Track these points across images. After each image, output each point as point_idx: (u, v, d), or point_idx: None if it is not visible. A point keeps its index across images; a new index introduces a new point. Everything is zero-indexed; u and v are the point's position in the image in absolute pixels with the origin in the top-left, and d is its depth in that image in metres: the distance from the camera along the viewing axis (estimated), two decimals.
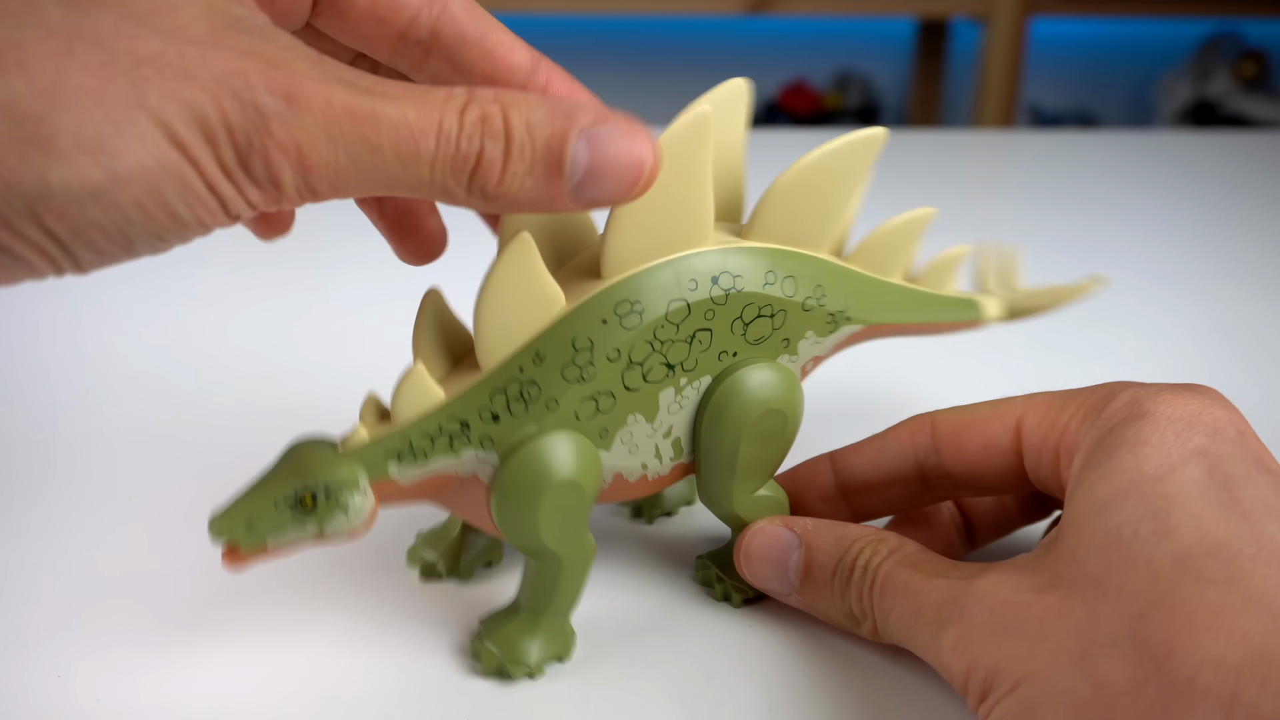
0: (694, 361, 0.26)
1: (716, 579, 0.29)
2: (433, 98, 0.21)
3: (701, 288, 0.26)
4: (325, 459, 0.24)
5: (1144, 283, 0.53)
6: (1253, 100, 1.74)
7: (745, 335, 0.26)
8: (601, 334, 0.25)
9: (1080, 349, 0.45)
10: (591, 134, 0.21)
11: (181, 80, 0.19)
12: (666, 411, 0.26)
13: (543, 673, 0.26)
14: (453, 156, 0.21)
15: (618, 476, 0.26)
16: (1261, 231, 0.62)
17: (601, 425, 0.25)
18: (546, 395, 0.25)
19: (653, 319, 0.25)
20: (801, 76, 1.87)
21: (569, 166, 0.21)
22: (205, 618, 0.28)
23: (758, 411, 0.26)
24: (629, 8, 1.54)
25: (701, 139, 0.24)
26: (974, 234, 0.61)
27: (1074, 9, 1.60)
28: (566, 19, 1.84)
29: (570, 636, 0.26)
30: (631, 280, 0.25)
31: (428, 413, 0.24)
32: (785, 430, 0.27)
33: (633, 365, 0.25)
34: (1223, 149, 0.80)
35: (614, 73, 1.90)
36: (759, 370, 0.27)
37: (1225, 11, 1.65)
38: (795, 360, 0.28)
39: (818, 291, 0.27)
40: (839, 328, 0.28)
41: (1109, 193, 0.69)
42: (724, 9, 1.52)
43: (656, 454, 0.27)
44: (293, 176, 0.20)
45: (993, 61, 1.55)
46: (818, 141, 0.26)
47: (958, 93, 1.91)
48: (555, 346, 0.25)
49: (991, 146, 0.83)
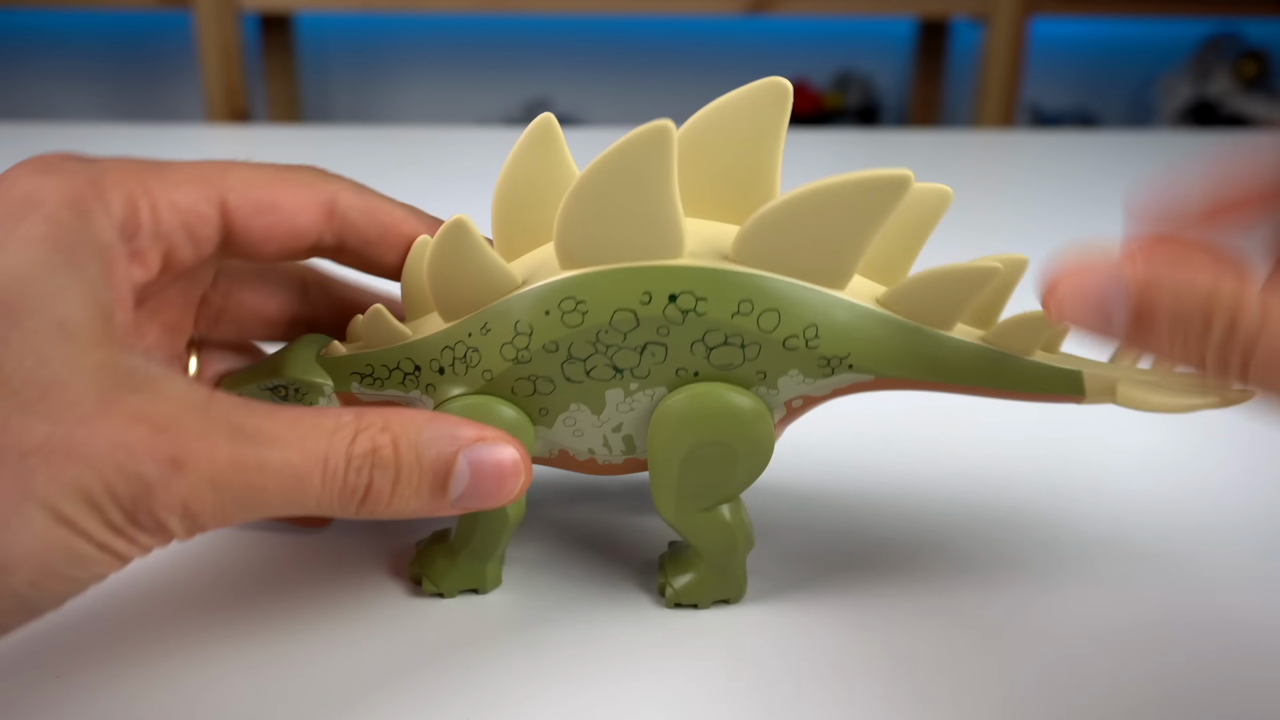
0: (646, 370, 0.25)
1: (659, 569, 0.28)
2: (320, 431, 0.22)
3: (655, 303, 0.24)
4: (305, 361, 0.28)
5: None
6: (1253, 100, 1.74)
7: (709, 359, 0.25)
8: (542, 324, 0.25)
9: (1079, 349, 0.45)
10: (472, 454, 0.24)
11: (68, 463, 0.20)
12: (615, 409, 0.26)
13: (454, 595, 0.28)
14: (340, 490, 0.22)
15: (563, 452, 0.27)
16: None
17: (540, 405, 0.26)
18: (485, 365, 0.26)
19: (595, 322, 0.25)
20: (801, 76, 1.87)
21: (452, 485, 0.24)
22: (204, 615, 0.28)
23: (697, 440, 0.25)
24: (629, 8, 1.54)
25: (657, 152, 0.23)
26: (974, 234, 0.61)
27: (1074, 9, 1.60)
28: (567, 19, 1.84)
29: (488, 576, 0.28)
30: (581, 279, 0.25)
31: (392, 348, 0.27)
32: (734, 463, 0.26)
33: (573, 360, 0.25)
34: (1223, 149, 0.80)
35: (614, 73, 1.90)
36: (712, 397, 0.25)
37: (1225, 11, 1.64)
38: (774, 395, 0.26)
39: (809, 332, 0.25)
40: (836, 373, 0.26)
41: (1109, 193, 0.69)
42: (724, 9, 1.51)
43: (605, 444, 0.27)
44: (179, 524, 0.21)
45: (993, 61, 1.55)
46: (817, 141, 0.26)
47: (958, 93, 1.91)
48: (500, 323, 0.25)
49: (991, 146, 0.83)
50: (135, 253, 0.25)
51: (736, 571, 0.28)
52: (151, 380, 0.22)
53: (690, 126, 0.25)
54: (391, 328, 0.26)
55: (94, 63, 1.84)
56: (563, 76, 1.89)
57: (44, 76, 1.85)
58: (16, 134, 0.82)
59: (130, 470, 0.20)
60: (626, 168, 0.23)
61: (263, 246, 0.27)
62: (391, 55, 1.88)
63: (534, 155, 0.25)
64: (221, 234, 0.26)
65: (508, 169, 0.25)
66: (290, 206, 0.27)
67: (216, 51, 1.46)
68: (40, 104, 1.84)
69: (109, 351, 0.21)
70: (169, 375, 0.22)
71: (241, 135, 0.85)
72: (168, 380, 0.22)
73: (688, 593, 0.28)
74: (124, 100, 1.86)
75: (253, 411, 0.22)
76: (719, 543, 0.27)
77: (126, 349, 0.22)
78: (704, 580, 0.28)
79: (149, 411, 0.21)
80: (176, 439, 0.21)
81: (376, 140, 0.79)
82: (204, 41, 1.46)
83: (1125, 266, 0.22)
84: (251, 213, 0.26)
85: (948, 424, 0.39)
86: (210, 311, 0.30)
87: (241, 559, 0.30)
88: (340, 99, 1.90)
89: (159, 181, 0.25)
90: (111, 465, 0.20)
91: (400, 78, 1.89)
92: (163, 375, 0.22)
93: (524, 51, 1.88)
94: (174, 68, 1.84)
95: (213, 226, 0.26)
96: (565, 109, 1.86)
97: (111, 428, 0.21)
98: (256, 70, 1.79)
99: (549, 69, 1.88)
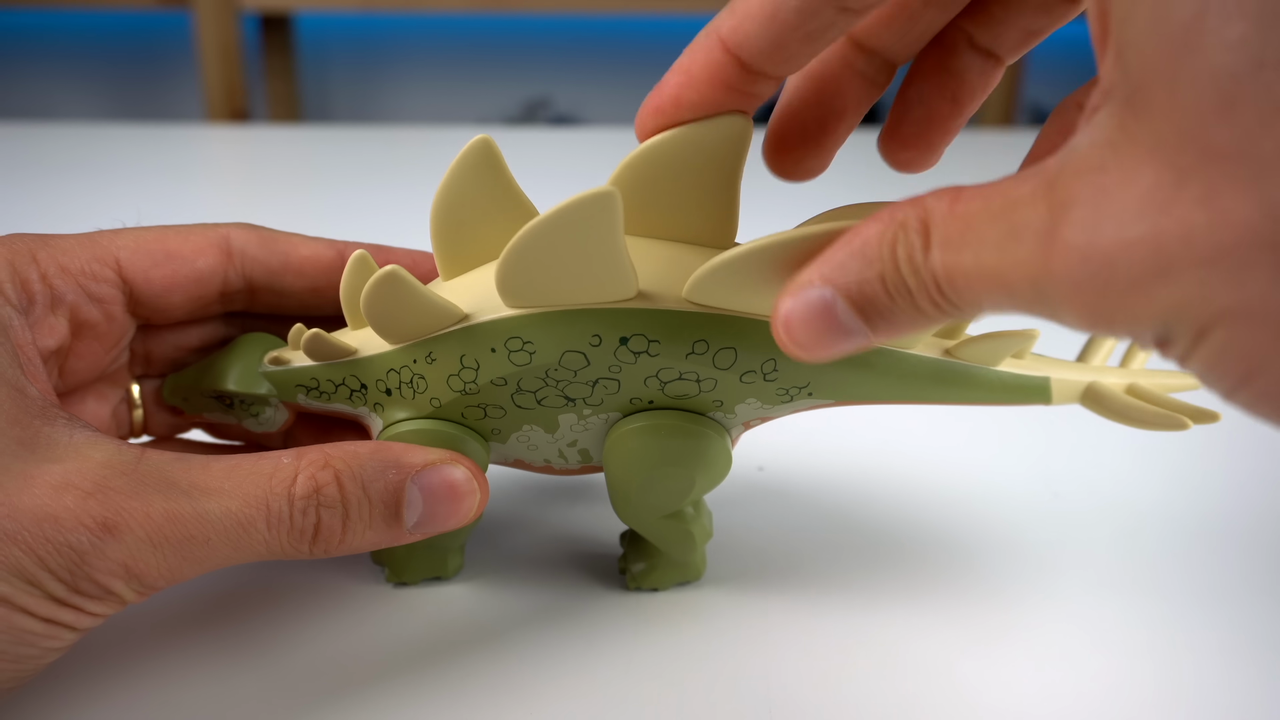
0: (599, 400, 0.25)
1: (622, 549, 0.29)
2: (258, 476, 0.22)
3: (606, 345, 0.24)
4: (249, 371, 0.27)
5: None
6: None
7: (663, 391, 0.25)
8: (489, 360, 0.24)
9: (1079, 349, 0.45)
10: (421, 479, 0.24)
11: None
12: (569, 429, 0.26)
13: (416, 583, 0.29)
14: (288, 532, 0.22)
15: (519, 460, 0.27)
16: None
17: (493, 426, 0.26)
18: (432, 393, 0.25)
19: (544, 361, 0.24)
20: None
21: (406, 513, 0.24)
22: (203, 613, 0.28)
23: (653, 465, 0.25)
24: (629, 8, 1.54)
25: (604, 215, 0.21)
26: None
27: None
28: (567, 19, 1.84)
29: (449, 564, 0.29)
30: (528, 319, 0.24)
31: (337, 364, 0.26)
32: (691, 483, 0.26)
33: (523, 392, 0.25)
34: None
35: (614, 73, 1.90)
36: (668, 428, 0.25)
37: None
38: (730, 418, 0.26)
39: (766, 366, 0.25)
40: (794, 400, 0.26)
41: None
42: None
43: (561, 455, 0.27)
44: (125, 587, 0.21)
45: None
46: None
47: None
48: (445, 354, 0.25)
49: (991, 146, 0.83)
50: (36, 323, 0.25)
51: (696, 561, 0.29)
52: (75, 447, 0.21)
53: (656, 145, 0.24)
54: (335, 346, 0.26)
55: (94, 63, 1.84)
56: (563, 76, 1.89)
57: (44, 76, 1.85)
58: (16, 134, 0.82)
59: (60, 541, 0.20)
60: (572, 227, 0.22)
61: (169, 298, 0.27)
62: (391, 55, 1.88)
63: (472, 176, 0.24)
64: (124, 291, 0.27)
65: (444, 189, 0.24)
66: (186, 253, 0.27)
67: (216, 51, 1.46)
68: (40, 104, 1.84)
69: (26, 427, 0.21)
70: (95, 439, 0.22)
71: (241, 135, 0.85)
72: (93, 444, 0.22)
73: (648, 578, 0.28)
74: (124, 100, 1.86)
75: (187, 465, 0.22)
76: (677, 542, 0.27)
77: (47, 420, 0.22)
78: (668, 570, 0.28)
79: (74, 479, 0.21)
80: (106, 502, 0.21)
81: (376, 140, 0.79)
82: (204, 41, 1.46)
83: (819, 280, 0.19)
84: (148, 265, 0.27)
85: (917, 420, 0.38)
86: (139, 359, 0.29)
87: None
88: (340, 99, 1.90)
89: (45, 250, 0.26)
90: (40, 539, 0.20)
91: (400, 78, 1.89)
92: (87, 440, 0.22)
93: (524, 51, 1.88)
94: (174, 67, 1.84)
95: (111, 284, 0.26)
96: (565, 109, 1.86)
97: (36, 500, 0.20)
98: (256, 70, 1.79)
99: (549, 69, 1.88)
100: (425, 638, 0.27)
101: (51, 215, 0.62)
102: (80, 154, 0.75)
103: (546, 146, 0.82)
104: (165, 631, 0.27)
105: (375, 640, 0.27)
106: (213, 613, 0.28)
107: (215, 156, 0.78)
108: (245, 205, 0.65)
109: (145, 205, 0.64)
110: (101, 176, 0.70)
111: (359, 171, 0.70)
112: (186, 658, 0.26)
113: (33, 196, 0.66)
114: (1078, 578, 0.30)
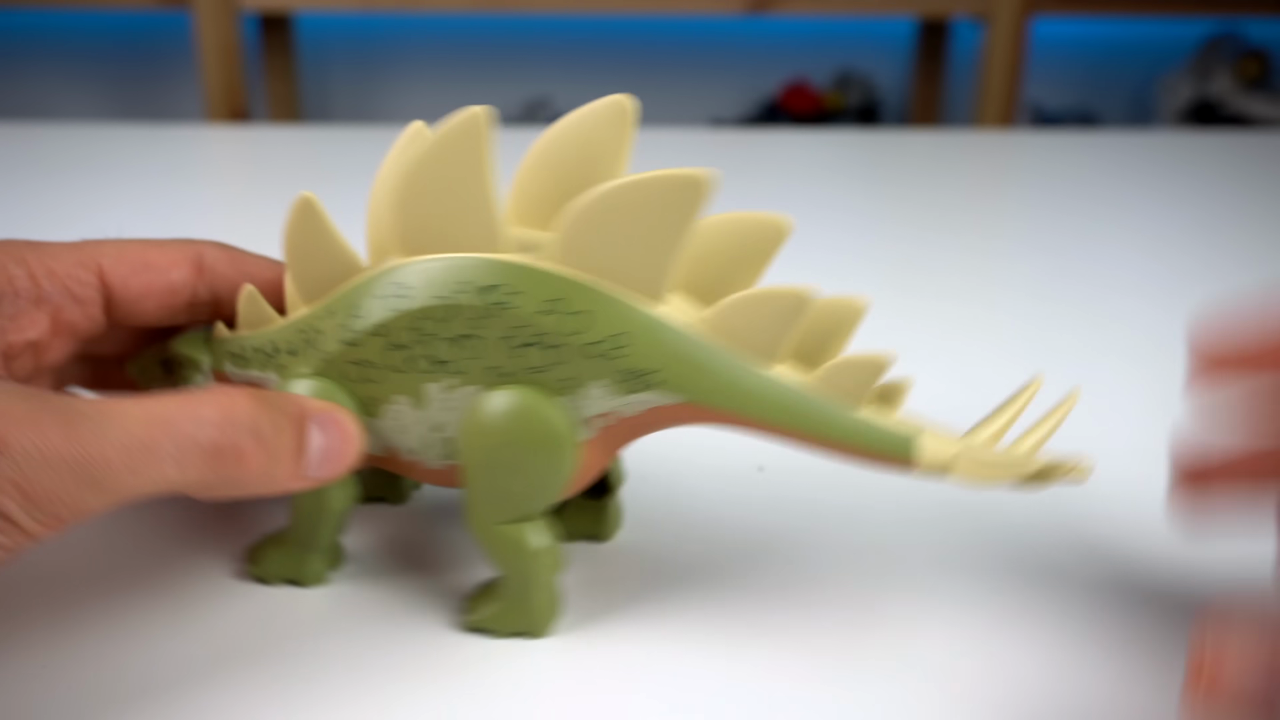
0: (463, 366, 0.25)
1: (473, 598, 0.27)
2: (163, 401, 0.23)
3: (469, 293, 0.25)
4: (195, 338, 0.30)
5: (1144, 282, 0.53)
6: (1254, 100, 1.74)
7: (517, 358, 0.25)
8: (371, 308, 0.26)
9: (1080, 349, 0.45)
10: (318, 419, 0.25)
11: None
12: (435, 406, 0.26)
13: (275, 581, 0.29)
14: (197, 454, 0.23)
15: (390, 450, 0.27)
16: (1262, 231, 0.62)
17: (369, 393, 0.27)
18: (325, 348, 0.27)
19: (415, 307, 0.25)
20: (801, 76, 1.86)
21: (309, 449, 0.25)
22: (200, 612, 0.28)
23: (494, 442, 0.25)
24: (629, 8, 1.54)
25: (470, 140, 0.24)
26: (974, 234, 0.61)
27: (1075, 9, 1.60)
28: (567, 19, 1.84)
29: (308, 570, 0.28)
30: (409, 266, 0.26)
31: (261, 331, 0.28)
32: (529, 471, 0.25)
33: (396, 347, 0.26)
34: (1224, 149, 0.80)
35: (614, 73, 1.90)
36: (512, 398, 0.25)
37: (1227, 11, 1.64)
38: (581, 407, 0.25)
39: (614, 340, 0.25)
40: (642, 391, 0.25)
41: (1109, 193, 0.69)
42: (724, 9, 1.51)
43: (425, 443, 0.27)
44: (20, 510, 0.21)
45: (993, 61, 1.55)
46: (818, 141, 0.26)
47: (958, 93, 1.91)
48: (342, 307, 0.26)
49: (991, 146, 0.83)
50: (18, 314, 0.27)
51: (538, 603, 0.27)
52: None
53: (538, 145, 0.25)
54: (262, 310, 0.28)
55: (94, 63, 1.84)
56: (563, 76, 1.89)
57: (44, 76, 1.85)
58: (16, 134, 0.82)
59: None
60: (445, 158, 0.24)
61: (143, 304, 0.29)
62: (391, 55, 1.88)
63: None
64: (103, 295, 0.29)
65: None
66: (162, 264, 0.29)
67: (216, 51, 1.46)
68: (40, 104, 1.84)
69: None
70: (4, 382, 0.22)
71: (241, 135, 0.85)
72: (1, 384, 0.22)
73: (483, 617, 0.27)
74: (123, 100, 1.86)
75: (90, 399, 0.22)
76: (514, 564, 0.26)
77: None
78: (505, 609, 0.27)
79: None
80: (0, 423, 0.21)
81: (376, 140, 0.79)
82: (203, 41, 1.46)
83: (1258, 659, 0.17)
84: (127, 273, 0.29)
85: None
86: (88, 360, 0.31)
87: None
88: (340, 99, 1.90)
89: (35, 254, 0.28)
90: None
91: (400, 78, 1.89)
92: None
93: (524, 51, 1.88)
94: (173, 67, 1.84)
95: (93, 288, 0.28)
96: (565, 109, 1.86)
97: None
98: (256, 70, 1.79)
99: (549, 69, 1.88)
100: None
101: (51, 215, 0.62)
102: (80, 154, 0.75)
103: None
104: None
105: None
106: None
107: (215, 156, 0.78)
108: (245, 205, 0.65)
109: (145, 205, 0.64)
110: (101, 176, 0.70)
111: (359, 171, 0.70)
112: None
113: (32, 196, 0.66)
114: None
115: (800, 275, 0.54)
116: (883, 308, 0.49)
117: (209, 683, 0.25)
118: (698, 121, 1.85)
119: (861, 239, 0.60)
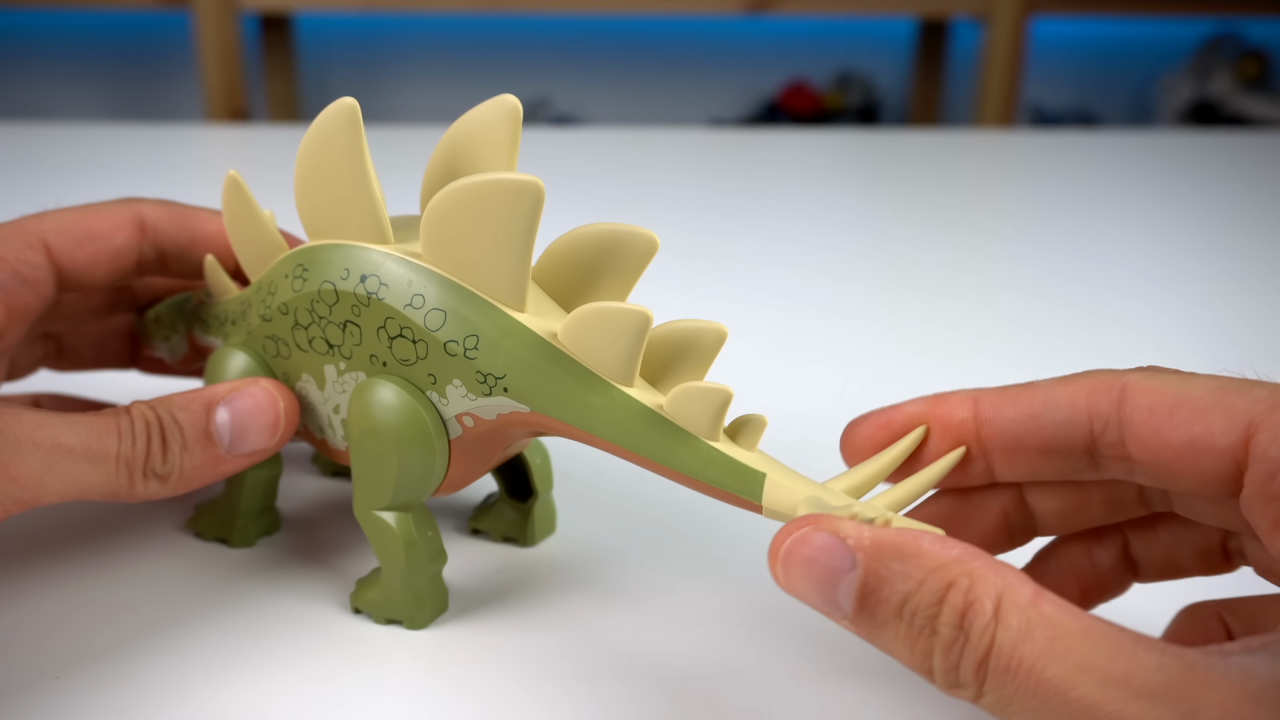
0: (350, 351, 0.27)
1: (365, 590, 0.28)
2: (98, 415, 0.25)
3: (350, 280, 0.26)
4: (183, 301, 0.32)
5: (1144, 283, 0.53)
6: (1254, 100, 1.74)
7: (391, 349, 0.26)
8: (281, 287, 0.27)
9: (1079, 349, 0.45)
10: (230, 402, 0.27)
11: None
12: (332, 387, 0.27)
13: (208, 538, 0.30)
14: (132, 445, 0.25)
15: (307, 429, 0.29)
16: (1262, 231, 0.62)
17: (283, 369, 0.28)
18: (250, 321, 0.29)
19: (309, 290, 0.27)
20: (802, 76, 1.86)
21: (218, 432, 0.26)
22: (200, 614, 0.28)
23: (361, 426, 0.26)
24: (629, 8, 1.54)
25: (346, 129, 0.25)
26: (974, 234, 0.61)
27: (1074, 9, 1.60)
28: (567, 19, 1.84)
29: (235, 532, 0.30)
30: (310, 249, 0.27)
31: (222, 301, 0.30)
32: (388, 457, 0.25)
33: (299, 326, 0.27)
34: (1223, 149, 0.80)
35: (614, 73, 1.90)
36: (376, 385, 0.26)
37: (1226, 11, 1.64)
38: (445, 404, 0.25)
39: (470, 341, 0.25)
40: (493, 394, 0.25)
41: (1109, 193, 0.69)
42: (724, 9, 1.51)
43: (329, 425, 0.28)
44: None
45: (993, 61, 1.55)
46: (818, 141, 0.26)
47: (958, 93, 1.91)
48: (264, 283, 0.28)
49: (991, 146, 0.83)
50: None
51: (413, 593, 0.27)
52: None
53: (439, 145, 0.26)
54: (220, 280, 0.30)
55: (94, 63, 1.84)
56: (563, 76, 1.89)
57: (44, 76, 1.84)
58: (17, 134, 0.82)
59: None
60: (322, 146, 0.25)
61: (92, 273, 0.30)
62: (391, 55, 1.88)
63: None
64: (53, 273, 0.29)
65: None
66: (105, 231, 0.30)
67: (216, 51, 1.46)
68: (40, 104, 1.84)
69: None
70: None
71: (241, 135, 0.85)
72: None
73: (363, 600, 0.27)
74: (123, 100, 1.86)
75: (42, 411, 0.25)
76: (389, 552, 0.26)
77: None
78: (381, 595, 0.27)
79: None
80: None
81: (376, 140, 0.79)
82: (203, 41, 1.46)
83: (854, 537, 0.19)
84: (73, 246, 0.29)
85: None
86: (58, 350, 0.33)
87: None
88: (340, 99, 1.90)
89: None
90: None
91: (400, 78, 1.89)
92: None
93: (524, 51, 1.88)
94: (173, 67, 1.84)
95: (43, 269, 0.29)
96: (565, 109, 1.86)
97: None
98: (256, 70, 1.79)
99: (549, 69, 1.88)
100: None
101: None
102: (80, 154, 0.75)
103: (546, 146, 0.82)
104: None
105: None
106: None
107: (215, 156, 0.78)
108: None
109: None
110: (101, 176, 0.69)
111: None
112: None
113: (33, 196, 0.66)
114: None
115: (800, 275, 0.54)
116: (883, 308, 0.49)
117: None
118: (698, 121, 1.85)
119: (861, 239, 0.60)
